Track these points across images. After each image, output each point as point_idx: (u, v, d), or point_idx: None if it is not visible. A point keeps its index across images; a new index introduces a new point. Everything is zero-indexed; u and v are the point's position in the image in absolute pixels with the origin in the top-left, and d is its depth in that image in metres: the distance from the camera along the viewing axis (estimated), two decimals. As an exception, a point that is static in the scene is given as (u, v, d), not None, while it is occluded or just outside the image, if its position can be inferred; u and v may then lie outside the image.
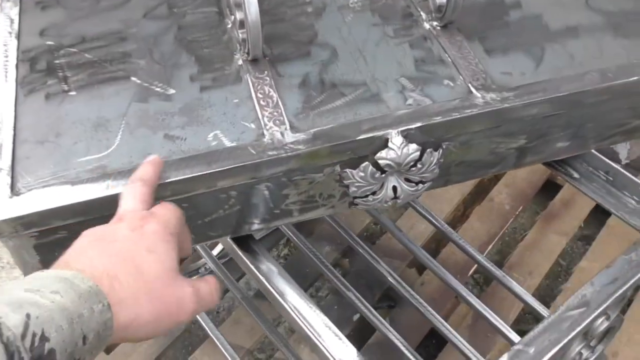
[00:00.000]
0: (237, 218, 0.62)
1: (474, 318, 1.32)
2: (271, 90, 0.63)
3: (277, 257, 1.56)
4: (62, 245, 0.47)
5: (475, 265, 1.39)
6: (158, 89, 0.63)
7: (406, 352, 1.06)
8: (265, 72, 0.64)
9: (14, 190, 0.55)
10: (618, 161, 1.59)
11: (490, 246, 1.46)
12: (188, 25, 0.70)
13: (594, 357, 0.78)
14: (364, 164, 0.60)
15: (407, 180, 0.63)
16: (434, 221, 1.18)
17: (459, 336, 1.09)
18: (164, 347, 1.30)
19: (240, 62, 0.66)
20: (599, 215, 1.50)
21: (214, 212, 0.61)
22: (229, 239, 0.65)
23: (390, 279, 1.15)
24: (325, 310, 1.29)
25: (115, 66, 0.66)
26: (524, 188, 1.53)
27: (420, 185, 0.63)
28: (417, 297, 1.13)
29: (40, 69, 0.65)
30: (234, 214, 0.62)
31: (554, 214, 1.48)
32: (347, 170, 0.60)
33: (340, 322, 1.31)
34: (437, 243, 1.47)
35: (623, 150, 1.58)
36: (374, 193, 0.63)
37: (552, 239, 1.43)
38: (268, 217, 0.63)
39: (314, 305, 0.61)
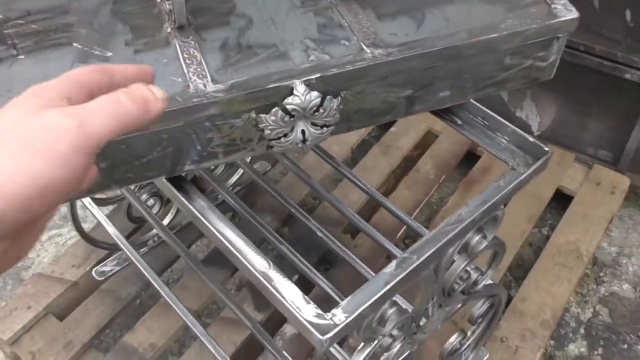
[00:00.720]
0: (170, 159, 0.73)
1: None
2: (195, 51, 0.74)
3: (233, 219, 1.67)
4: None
5: (404, 228, 1.53)
6: (97, 52, 0.74)
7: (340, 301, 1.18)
8: (190, 37, 0.76)
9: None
10: (531, 133, 1.76)
11: (417, 211, 1.60)
12: (122, 1, 0.81)
13: (484, 280, 0.92)
14: (274, 109, 0.72)
15: (313, 124, 0.75)
16: (366, 189, 1.29)
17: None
18: (115, 312, 1.39)
19: (168, 30, 0.77)
20: (513, 180, 1.66)
21: (148, 154, 0.71)
22: (164, 180, 0.76)
23: (327, 241, 1.26)
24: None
25: (58, 34, 0.76)
26: (447, 159, 1.68)
27: (325, 129, 0.76)
28: (352, 255, 1.25)
29: (-9, 38, 0.75)
30: (167, 156, 0.72)
31: (473, 180, 1.63)
32: (261, 115, 0.72)
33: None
34: (370, 211, 1.60)
35: (534, 122, 1.75)
36: (285, 135, 0.74)
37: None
38: (197, 158, 0.74)
39: (237, 230, 0.72)
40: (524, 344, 1.32)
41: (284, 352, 1.12)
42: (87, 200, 1.26)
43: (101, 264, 1.46)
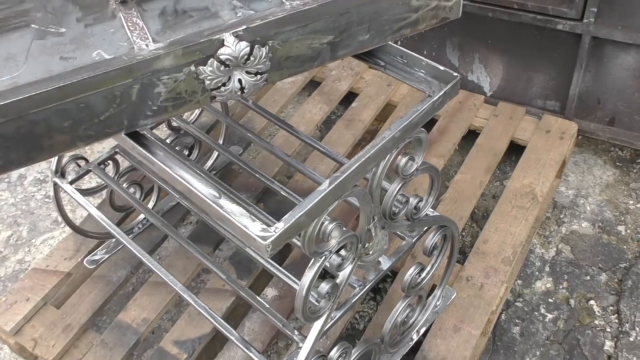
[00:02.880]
0: (127, 116, 0.84)
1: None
2: (138, 20, 0.85)
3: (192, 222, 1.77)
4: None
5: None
6: (52, 30, 0.85)
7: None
8: (133, 9, 0.87)
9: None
10: (484, 93, 1.87)
11: (382, 176, 1.70)
12: (73, -13, 0.92)
13: (426, 207, 1.02)
14: (210, 60, 0.82)
15: (248, 72, 0.85)
16: (333, 157, 1.39)
17: None
18: (108, 295, 1.49)
19: (114, 5, 0.88)
20: (470, 137, 1.77)
21: (106, 111, 0.82)
22: (124, 135, 0.87)
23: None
24: (241, 250, 1.50)
25: (17, 19, 0.87)
26: (406, 125, 1.78)
27: (259, 76, 0.86)
28: None
29: (-41, 28, 0.86)
30: (122, 112, 0.83)
31: (432, 141, 1.73)
32: (200, 67, 0.83)
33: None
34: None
35: (485, 84, 1.86)
36: (224, 85, 0.85)
37: (432, 161, 1.69)
38: (150, 113, 0.85)
39: (192, 170, 0.83)
40: (488, 280, 1.42)
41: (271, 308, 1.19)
42: (72, 191, 1.36)
43: (91, 254, 1.56)
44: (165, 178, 0.84)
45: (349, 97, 1.93)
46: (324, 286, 0.91)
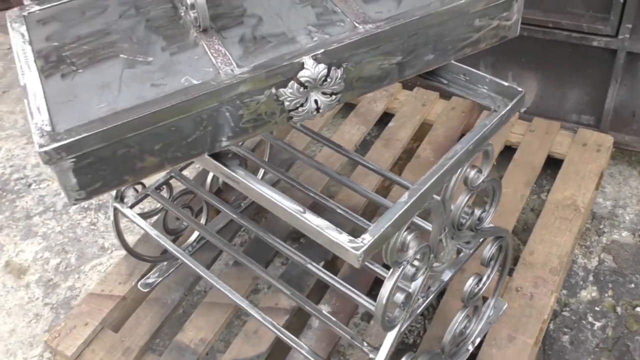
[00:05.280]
0: (210, 137, 0.88)
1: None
2: (220, 47, 0.90)
3: (236, 244, 1.82)
4: (93, 169, 0.73)
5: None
6: (140, 59, 0.90)
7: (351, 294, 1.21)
8: (214, 37, 0.92)
9: (55, 131, 0.80)
10: (517, 110, 1.91)
11: (424, 193, 1.74)
12: (153, 18, 0.97)
13: (488, 217, 1.06)
14: (290, 83, 0.87)
15: (324, 93, 0.90)
16: (378, 170, 1.42)
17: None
18: (164, 317, 1.52)
19: (195, 34, 0.93)
20: (507, 152, 1.81)
21: (193, 133, 0.87)
22: (207, 156, 0.91)
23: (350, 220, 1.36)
24: (292, 268, 1.54)
25: (106, 50, 0.92)
26: (442, 143, 1.83)
27: (334, 96, 0.91)
28: None
29: (52, 60, 0.91)
30: (207, 134, 0.88)
31: (470, 158, 1.77)
32: (281, 89, 0.88)
33: (308, 272, 1.56)
34: (383, 193, 1.74)
35: (519, 100, 1.89)
36: (302, 105, 0.90)
37: (472, 178, 1.73)
38: (232, 134, 0.90)
39: (275, 189, 0.87)
40: (537, 290, 1.45)
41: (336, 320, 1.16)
42: (132, 215, 1.41)
43: (145, 278, 1.60)
44: (251, 195, 0.88)
45: (384, 118, 1.98)
46: (399, 296, 0.95)
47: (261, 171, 1.72)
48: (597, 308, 1.58)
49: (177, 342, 1.46)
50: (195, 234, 1.68)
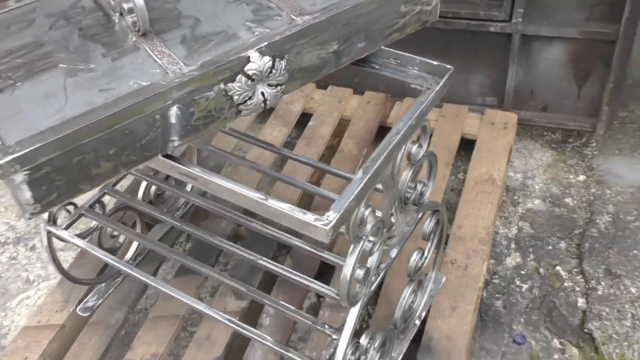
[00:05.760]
0: (163, 137, 0.89)
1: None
2: (163, 48, 0.91)
3: (187, 240, 1.80)
4: (48, 180, 0.72)
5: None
6: (82, 67, 0.89)
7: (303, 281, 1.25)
8: (154, 39, 0.93)
9: (5, 145, 0.78)
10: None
11: (352, 184, 1.80)
12: (86, 27, 0.96)
13: (428, 191, 1.13)
14: (238, 77, 0.90)
15: (269, 85, 0.93)
16: (310, 162, 1.45)
17: (341, 259, 1.31)
18: (110, 338, 1.48)
19: (134, 39, 0.93)
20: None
21: (146, 135, 0.87)
22: (161, 157, 0.91)
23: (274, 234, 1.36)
24: (238, 265, 1.55)
25: (43, 62, 0.90)
26: (363, 136, 1.91)
27: (279, 88, 0.95)
28: (300, 242, 1.35)
29: (-14, 76, 0.88)
30: (160, 135, 0.88)
31: (391, 147, 1.86)
32: (229, 84, 0.90)
33: (253, 271, 1.58)
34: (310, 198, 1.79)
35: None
36: (250, 98, 0.93)
37: (395, 165, 1.81)
38: (184, 133, 0.91)
39: (234, 180, 0.89)
40: (470, 260, 1.54)
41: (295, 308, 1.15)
42: (70, 236, 1.36)
43: (83, 302, 1.55)
44: (213, 188, 0.90)
45: (303, 118, 2.03)
46: (359, 272, 0.99)
47: (188, 187, 1.71)
48: (522, 272, 1.70)
49: (127, 361, 1.43)
50: (132, 251, 1.64)
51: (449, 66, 1.02)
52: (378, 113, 1.98)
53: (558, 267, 1.70)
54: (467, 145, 1.91)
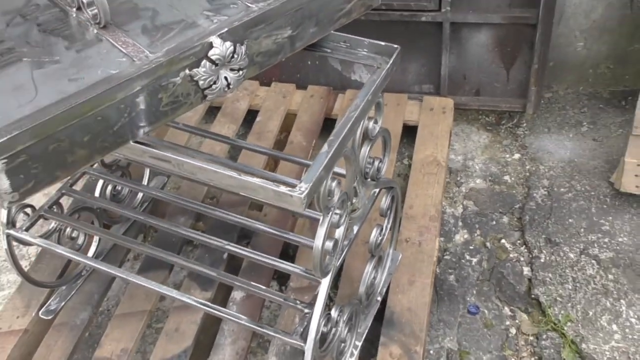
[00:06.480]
0: (133, 124, 0.92)
1: (311, 223, 1.70)
2: (126, 38, 0.94)
3: (144, 240, 1.81)
4: (26, 168, 0.74)
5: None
6: (47, 59, 0.91)
7: (272, 262, 1.31)
8: (116, 30, 0.96)
9: (-19, 135, 0.79)
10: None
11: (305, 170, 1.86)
12: (44, 22, 0.98)
13: (384, 167, 1.19)
14: (203, 62, 0.94)
15: (232, 69, 0.98)
16: (264, 151, 1.49)
17: (305, 238, 1.39)
18: (77, 338, 1.48)
19: (95, 31, 0.96)
20: (369, 127, 1.99)
21: (118, 121, 0.90)
22: (133, 143, 0.94)
23: (240, 221, 1.41)
24: (200, 259, 1.58)
25: (5, 57, 0.92)
26: (310, 128, 1.97)
27: (241, 72, 0.99)
28: (264, 225, 1.42)
29: (-49, 73, 0.89)
30: (130, 121, 0.91)
31: (338, 137, 1.93)
32: (194, 69, 0.94)
33: (214, 263, 1.61)
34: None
35: (368, 80, 2.09)
36: (214, 83, 0.97)
37: (343, 153, 1.88)
38: (153, 119, 0.94)
39: (208, 156, 0.93)
40: (423, 237, 1.63)
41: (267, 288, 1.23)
42: (32, 237, 1.36)
43: (45, 306, 1.54)
44: (187, 169, 0.93)
45: (249, 115, 2.07)
46: (329, 244, 1.05)
47: (146, 171, 1.72)
48: (471, 247, 1.80)
49: (97, 359, 1.43)
50: (91, 252, 1.64)
51: (395, 45, 1.10)
52: (322, 106, 2.04)
53: (503, 240, 1.81)
54: (408, 132, 2.00)
